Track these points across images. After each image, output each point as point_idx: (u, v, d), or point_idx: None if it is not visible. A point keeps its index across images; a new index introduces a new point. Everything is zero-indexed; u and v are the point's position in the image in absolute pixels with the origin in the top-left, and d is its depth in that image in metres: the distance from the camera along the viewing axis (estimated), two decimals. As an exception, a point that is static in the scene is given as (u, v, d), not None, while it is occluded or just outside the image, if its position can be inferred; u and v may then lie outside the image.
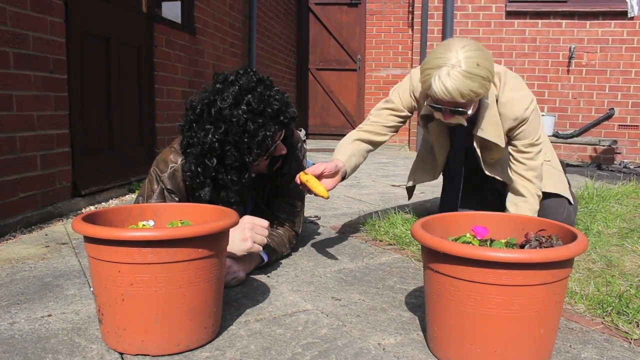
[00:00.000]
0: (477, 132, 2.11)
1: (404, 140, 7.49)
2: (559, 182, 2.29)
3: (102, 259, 1.21)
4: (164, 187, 1.80)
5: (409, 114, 2.26)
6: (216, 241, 1.28)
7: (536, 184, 2.08)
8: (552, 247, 1.22)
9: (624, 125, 6.19)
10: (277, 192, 1.99)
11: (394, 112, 2.23)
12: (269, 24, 6.70)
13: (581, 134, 6.22)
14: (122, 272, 1.19)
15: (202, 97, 1.70)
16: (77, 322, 1.43)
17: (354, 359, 1.23)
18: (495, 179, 2.29)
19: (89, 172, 3.02)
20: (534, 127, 2.06)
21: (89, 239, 1.23)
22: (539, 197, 2.08)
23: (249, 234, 1.65)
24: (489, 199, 2.45)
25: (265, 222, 1.70)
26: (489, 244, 1.31)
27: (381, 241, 2.30)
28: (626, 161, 5.86)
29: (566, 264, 1.14)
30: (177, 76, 4.19)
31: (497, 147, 2.13)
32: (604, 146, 5.84)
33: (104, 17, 3.22)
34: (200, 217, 1.47)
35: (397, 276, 1.85)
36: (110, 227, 1.31)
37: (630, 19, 5.89)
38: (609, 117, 6.21)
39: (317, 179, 1.86)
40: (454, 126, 2.12)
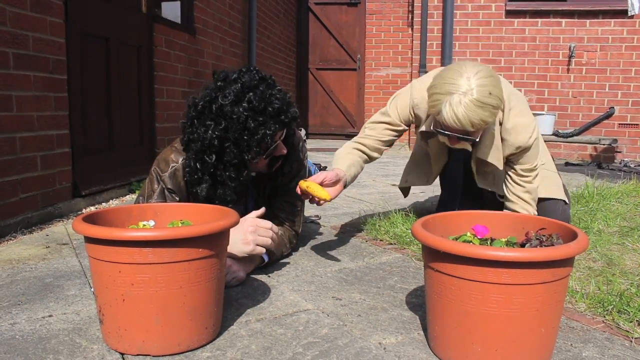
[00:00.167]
0: (478, 154, 2.07)
1: (404, 139, 7.48)
2: (555, 185, 2.28)
3: (102, 259, 1.21)
4: (164, 186, 1.80)
5: (406, 127, 2.21)
6: (216, 241, 1.28)
7: (533, 206, 2.08)
8: (553, 245, 1.22)
9: (624, 124, 6.19)
10: (277, 191, 1.99)
11: (390, 127, 2.19)
12: (269, 24, 6.70)
13: (581, 132, 6.22)
14: (122, 272, 1.19)
15: (204, 94, 1.70)
16: (78, 322, 1.43)
17: (355, 359, 1.23)
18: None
19: (89, 173, 3.02)
20: (534, 153, 2.05)
21: (90, 239, 1.23)
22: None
23: (251, 237, 1.65)
24: (486, 205, 2.44)
25: (268, 224, 1.70)
26: (489, 243, 1.31)
27: (382, 240, 2.30)
28: (626, 160, 5.86)
29: (567, 262, 1.14)
30: (176, 76, 4.19)
31: (494, 167, 2.10)
32: (604, 145, 5.84)
33: (104, 18, 3.22)
34: (200, 217, 1.47)
35: (397, 275, 1.85)
36: (110, 228, 1.31)
37: (630, 17, 5.89)
38: (609, 115, 6.21)
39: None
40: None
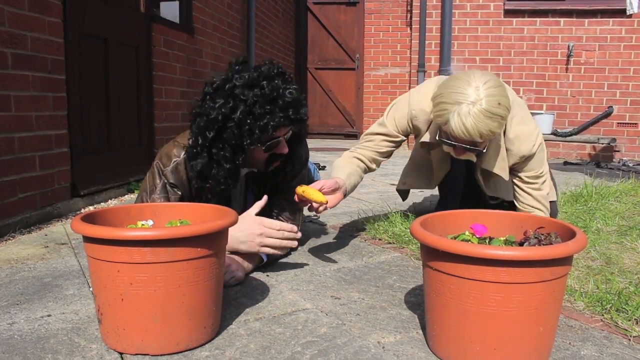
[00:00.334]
0: (483, 165, 2.05)
1: (403, 139, 7.49)
2: (551, 188, 2.28)
3: (101, 258, 1.21)
4: (166, 181, 1.80)
5: (404, 138, 2.19)
6: (215, 240, 1.28)
7: (546, 214, 2.06)
8: (551, 244, 1.22)
9: (623, 123, 6.20)
10: (277, 189, 1.98)
11: (388, 138, 2.16)
12: (268, 24, 6.69)
13: (580, 132, 6.23)
14: (121, 271, 1.19)
15: (221, 74, 1.73)
16: (76, 322, 1.42)
17: (353, 358, 1.23)
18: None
19: (87, 173, 3.02)
20: (539, 160, 2.03)
21: (88, 239, 1.23)
22: None
23: (258, 240, 1.67)
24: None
25: (276, 224, 1.70)
26: (487, 241, 1.31)
27: (380, 240, 2.30)
28: (625, 159, 5.87)
29: (565, 261, 1.14)
30: (175, 76, 4.18)
31: (499, 177, 2.08)
32: (602, 144, 5.84)
33: (102, 18, 3.21)
34: (199, 217, 1.47)
35: (396, 275, 1.85)
36: (109, 227, 1.31)
37: (628, 16, 5.90)
38: (607, 115, 6.22)
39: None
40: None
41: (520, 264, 1.09)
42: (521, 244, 1.29)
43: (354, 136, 8.09)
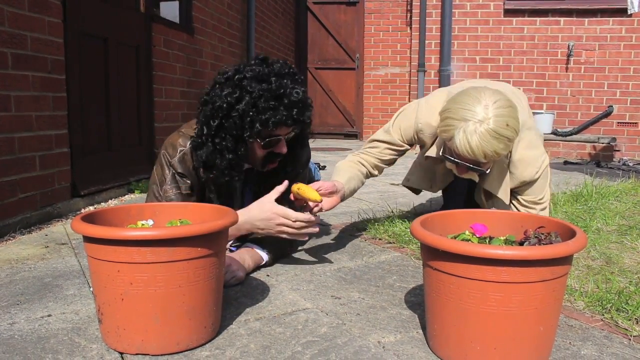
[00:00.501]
0: (485, 185, 2.02)
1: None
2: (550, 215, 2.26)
3: (101, 258, 1.21)
4: (175, 171, 1.82)
5: (408, 147, 2.16)
6: (215, 240, 1.28)
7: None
8: (551, 244, 1.22)
9: (623, 122, 6.20)
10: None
11: (392, 147, 2.14)
12: (267, 23, 6.69)
13: (580, 131, 6.23)
14: (121, 271, 1.19)
15: (235, 66, 1.76)
16: (76, 322, 1.43)
17: (353, 357, 1.23)
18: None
19: (87, 173, 3.02)
20: (540, 186, 1.99)
21: (88, 239, 1.23)
22: None
23: (276, 229, 1.72)
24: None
25: (292, 215, 1.70)
26: (488, 241, 1.31)
27: (380, 239, 2.30)
28: (625, 158, 5.87)
29: (565, 261, 1.14)
30: (175, 76, 4.18)
31: (500, 199, 2.03)
32: (602, 144, 5.84)
33: (102, 17, 3.21)
34: (199, 217, 1.47)
35: (396, 274, 1.85)
36: (109, 227, 1.31)
37: (629, 16, 5.90)
38: (607, 114, 6.22)
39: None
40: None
41: (520, 263, 1.09)
42: (521, 244, 1.29)
43: (354, 136, 8.09)
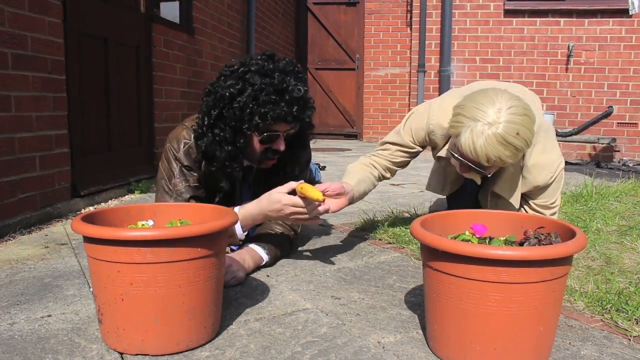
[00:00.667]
0: (495, 188, 1.98)
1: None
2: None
3: (101, 258, 1.21)
4: (181, 164, 1.84)
5: (420, 149, 2.10)
6: (215, 240, 1.28)
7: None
8: (551, 244, 1.22)
9: (623, 123, 6.20)
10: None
11: (403, 149, 2.09)
12: (268, 24, 6.70)
13: (580, 132, 6.23)
14: (121, 272, 1.19)
15: (242, 59, 1.79)
16: (76, 322, 1.43)
17: (353, 358, 1.23)
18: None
19: (88, 173, 3.02)
20: (553, 190, 1.96)
21: (88, 239, 1.23)
22: None
23: (292, 217, 1.74)
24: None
25: (300, 202, 1.71)
26: (487, 241, 1.31)
27: (380, 240, 2.30)
28: (625, 159, 5.87)
29: (565, 261, 1.14)
30: (175, 76, 4.18)
31: (509, 204, 1.99)
32: (602, 144, 5.84)
33: (102, 18, 3.22)
34: (199, 217, 1.47)
35: (396, 275, 1.85)
36: (109, 227, 1.31)
37: (630, 16, 5.90)
38: (607, 115, 6.22)
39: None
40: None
41: (520, 263, 1.09)
42: (521, 244, 1.29)
43: (354, 136, 8.09)
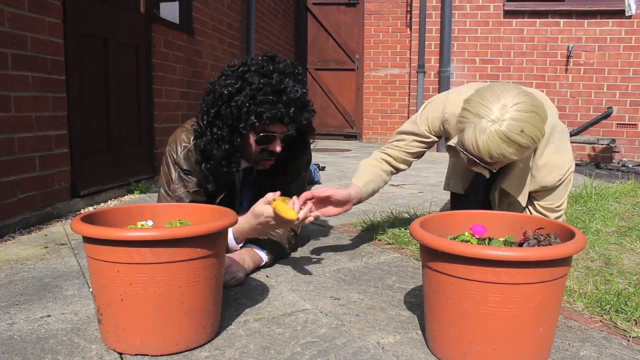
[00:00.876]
0: (504, 185, 1.96)
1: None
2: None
3: (101, 259, 1.21)
4: (180, 169, 1.84)
5: (436, 139, 2.07)
6: (215, 241, 1.28)
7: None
8: (550, 245, 1.22)
9: (622, 124, 6.20)
10: (276, 190, 1.98)
11: (419, 138, 2.06)
12: (267, 24, 6.70)
13: (579, 132, 6.23)
14: (121, 272, 1.19)
15: (244, 59, 1.81)
16: (76, 322, 1.43)
17: (353, 358, 1.24)
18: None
19: (87, 173, 3.02)
20: (559, 194, 1.95)
21: (88, 239, 1.23)
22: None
23: (280, 227, 1.77)
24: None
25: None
26: (487, 242, 1.32)
27: (380, 240, 2.30)
28: (624, 160, 5.87)
29: (564, 262, 1.14)
30: (175, 77, 4.19)
31: (516, 200, 1.98)
32: (602, 145, 5.85)
33: (102, 18, 3.22)
34: (198, 217, 1.47)
35: (395, 275, 1.85)
36: (109, 227, 1.31)
37: (628, 17, 5.90)
38: (607, 115, 6.22)
39: (319, 201, 1.81)
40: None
41: (519, 264, 1.09)
42: (520, 245, 1.29)
43: (353, 137, 8.09)
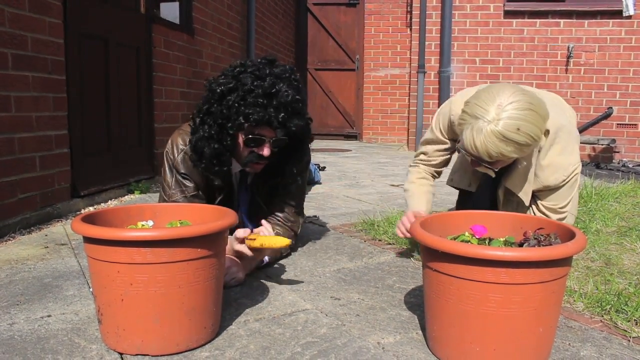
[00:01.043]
0: (507, 183, 1.96)
1: (403, 140, 7.49)
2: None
3: (101, 259, 1.21)
4: (177, 172, 1.85)
5: (453, 142, 2.07)
6: (215, 241, 1.28)
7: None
8: (551, 245, 1.22)
9: (623, 124, 6.20)
10: (277, 191, 1.98)
11: (439, 146, 2.09)
12: (267, 24, 6.70)
13: (580, 133, 6.22)
14: (121, 272, 1.19)
15: (244, 61, 1.82)
16: (76, 322, 1.43)
17: (353, 358, 1.24)
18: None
19: (87, 173, 3.02)
20: (564, 194, 1.93)
21: (88, 240, 1.23)
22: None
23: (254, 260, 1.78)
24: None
25: (242, 249, 1.68)
26: (487, 242, 1.32)
27: (380, 241, 2.30)
28: (625, 160, 5.87)
29: (565, 262, 1.14)
30: (175, 77, 4.19)
31: (520, 199, 1.98)
32: (602, 145, 5.84)
33: (102, 18, 3.22)
34: (199, 218, 1.47)
35: (396, 275, 1.85)
36: (109, 228, 1.31)
37: (627, 17, 5.90)
38: (607, 116, 6.22)
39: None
40: None
41: (520, 264, 1.09)
42: (521, 245, 1.29)
43: (354, 137, 8.09)
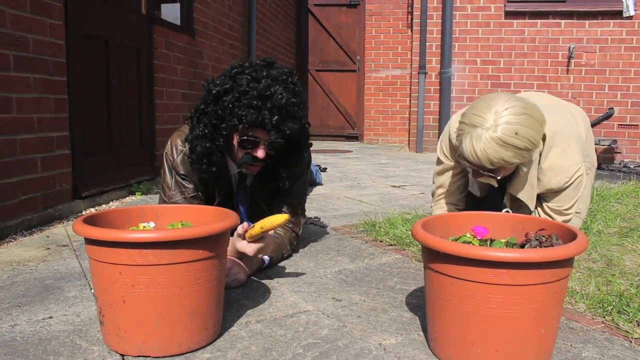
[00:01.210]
0: (511, 189, 1.95)
1: (404, 140, 7.49)
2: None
3: (102, 260, 1.21)
4: (177, 174, 1.86)
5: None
6: (216, 242, 1.28)
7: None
8: (552, 246, 1.22)
9: (624, 124, 6.19)
10: (278, 192, 1.98)
11: (450, 172, 2.09)
12: (268, 25, 6.70)
13: (581, 133, 6.21)
14: (122, 273, 1.19)
15: (244, 62, 1.82)
16: (78, 324, 1.43)
17: (355, 360, 1.24)
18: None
19: (89, 174, 3.02)
20: (568, 196, 1.92)
21: (90, 241, 1.23)
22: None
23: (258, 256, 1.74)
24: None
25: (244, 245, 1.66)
26: (489, 243, 1.31)
27: (381, 242, 2.30)
28: (626, 160, 5.86)
29: (566, 263, 1.14)
30: (176, 78, 4.19)
31: (527, 206, 1.97)
32: (603, 146, 5.84)
33: (104, 19, 3.22)
34: (200, 219, 1.47)
35: (397, 277, 1.85)
36: (111, 229, 1.31)
37: (627, 18, 5.90)
38: (608, 116, 6.22)
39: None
40: None
41: (521, 265, 1.09)
42: (522, 246, 1.29)
43: (354, 138, 8.09)
